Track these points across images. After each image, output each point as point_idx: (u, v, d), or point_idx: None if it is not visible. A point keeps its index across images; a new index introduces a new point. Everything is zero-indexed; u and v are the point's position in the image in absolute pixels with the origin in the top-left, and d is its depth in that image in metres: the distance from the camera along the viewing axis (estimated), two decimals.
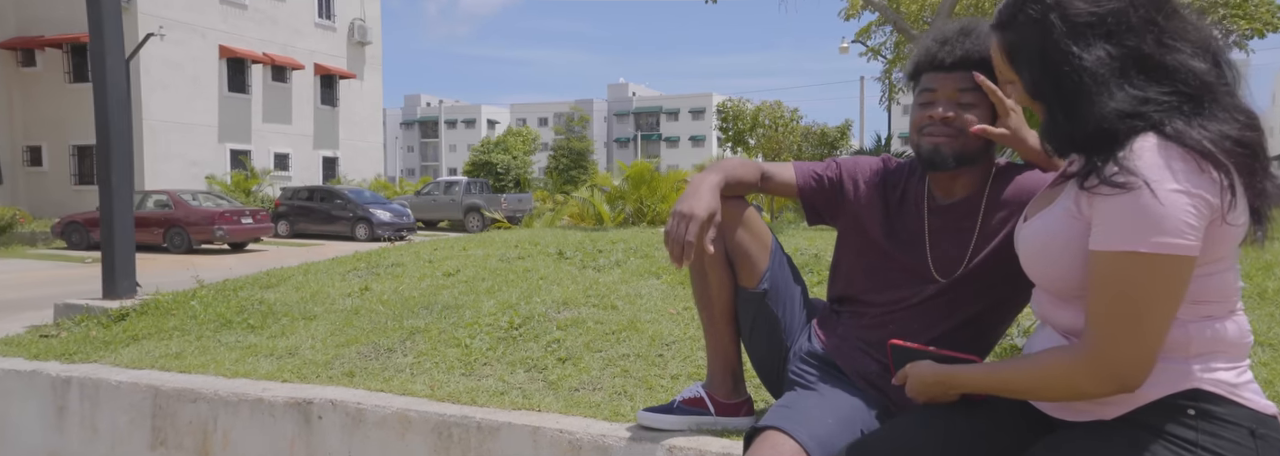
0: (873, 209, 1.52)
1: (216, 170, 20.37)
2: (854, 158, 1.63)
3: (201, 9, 20.23)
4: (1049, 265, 1.04)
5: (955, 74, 1.38)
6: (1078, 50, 0.94)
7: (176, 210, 14.10)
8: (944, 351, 1.27)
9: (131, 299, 3.07)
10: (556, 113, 57.21)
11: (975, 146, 1.38)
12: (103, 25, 3.26)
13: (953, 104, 1.38)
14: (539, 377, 2.06)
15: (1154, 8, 0.94)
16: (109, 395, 2.17)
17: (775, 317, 1.59)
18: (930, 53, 1.42)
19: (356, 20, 24.98)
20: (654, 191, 10.87)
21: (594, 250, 3.58)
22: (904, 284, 1.46)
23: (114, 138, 3.30)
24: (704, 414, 1.66)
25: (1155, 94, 0.91)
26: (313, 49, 23.58)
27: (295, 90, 23.26)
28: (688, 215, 1.34)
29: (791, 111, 14.90)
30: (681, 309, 2.56)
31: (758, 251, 1.57)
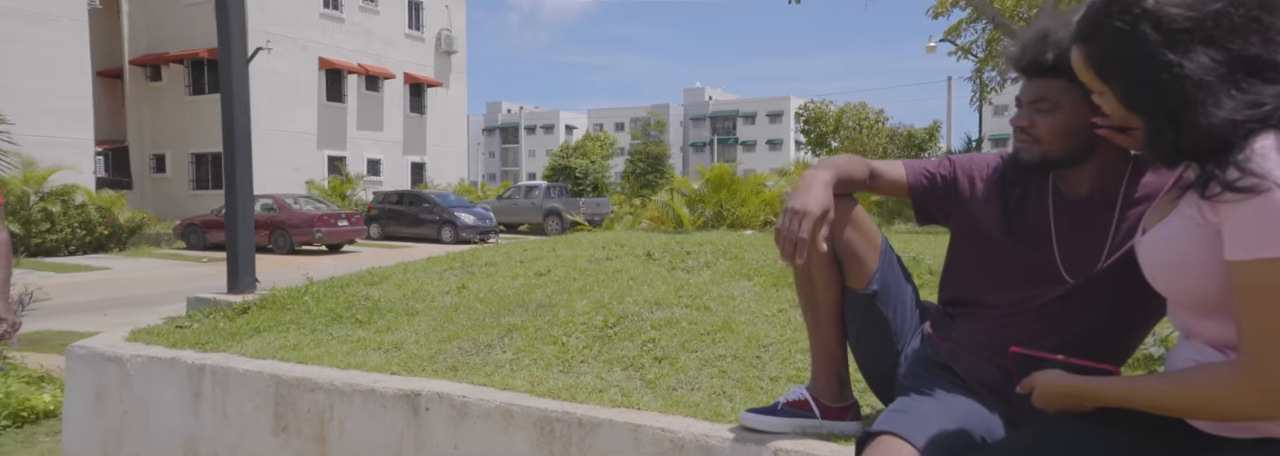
0: (991, 207, 1.46)
1: (315, 175, 21.54)
2: (969, 154, 1.58)
3: (304, 23, 21.47)
4: (1178, 279, 0.98)
5: (1033, 81, 1.34)
6: (1177, 58, 0.87)
7: (280, 213, 14.97)
8: (1075, 360, 1.20)
9: (252, 294, 3.28)
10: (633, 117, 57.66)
11: (1058, 153, 1.33)
12: (230, 42, 3.51)
13: (1028, 111, 1.34)
14: (636, 376, 2.07)
15: (1257, 5, 0.87)
16: (237, 383, 2.32)
17: (885, 320, 1.55)
18: (1012, 59, 1.38)
19: (443, 30, 25.94)
20: (733, 195, 10.77)
21: (681, 251, 3.59)
22: (1027, 284, 1.40)
23: (238, 146, 3.54)
24: (809, 417, 1.63)
25: (1269, 96, 0.85)
26: (403, 59, 24.63)
27: (387, 98, 24.35)
28: (801, 212, 1.32)
29: (877, 113, 14.51)
30: (777, 311, 2.53)
31: (867, 251, 1.53)
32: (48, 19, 15.70)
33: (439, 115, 26.06)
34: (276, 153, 20.36)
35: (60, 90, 15.58)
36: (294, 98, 21.18)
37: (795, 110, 15.92)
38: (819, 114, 14.42)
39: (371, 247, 16.59)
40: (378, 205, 18.83)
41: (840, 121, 14.27)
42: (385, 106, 24.31)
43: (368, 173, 23.16)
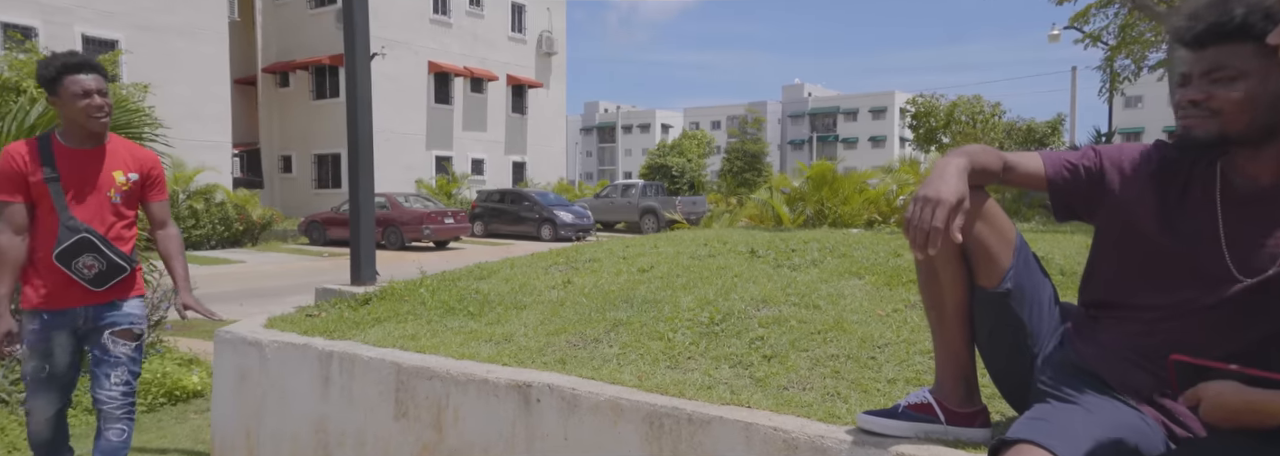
0: (1145, 201, 1.33)
1: (424, 175, 22.61)
2: (1116, 144, 1.45)
3: (415, 29, 22.57)
4: None
5: (1207, 50, 1.21)
6: None
7: (393, 211, 15.81)
8: (1251, 371, 1.08)
9: (373, 286, 3.45)
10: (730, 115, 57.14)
11: (1239, 129, 1.19)
12: (355, 48, 3.71)
13: (1203, 83, 1.21)
14: (745, 374, 2.04)
15: None
16: (362, 369, 2.45)
17: (1020, 321, 1.45)
18: (1178, 31, 1.24)
19: (544, 32, 26.61)
20: (836, 193, 10.47)
21: (786, 249, 3.50)
22: (1189, 285, 1.27)
23: (361, 148, 3.75)
24: (933, 421, 1.54)
25: None
26: (506, 61, 25.45)
27: (490, 100, 25.24)
28: (934, 199, 1.25)
29: (992, 106, 13.71)
30: (891, 310, 2.43)
31: (999, 247, 1.44)
32: (196, 32, 17.25)
33: (539, 115, 26.77)
34: (388, 153, 21.59)
35: (204, 97, 17.10)
36: (405, 100, 22.31)
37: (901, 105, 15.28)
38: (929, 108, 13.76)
39: (475, 244, 17.24)
40: (481, 203, 19.54)
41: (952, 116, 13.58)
42: (489, 107, 25.20)
43: (472, 172, 24.10)
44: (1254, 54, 1.17)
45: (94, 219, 2.33)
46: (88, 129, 2.31)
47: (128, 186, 2.42)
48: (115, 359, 2.39)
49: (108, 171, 2.38)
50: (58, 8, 14.98)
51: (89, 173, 2.34)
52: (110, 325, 2.39)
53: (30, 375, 2.36)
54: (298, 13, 22.42)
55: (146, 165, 2.48)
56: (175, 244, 2.54)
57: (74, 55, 2.34)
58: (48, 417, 2.41)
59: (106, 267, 2.32)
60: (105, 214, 2.36)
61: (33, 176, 2.28)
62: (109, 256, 2.32)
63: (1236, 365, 1.23)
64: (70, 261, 2.28)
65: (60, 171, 2.30)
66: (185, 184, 14.78)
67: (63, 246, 2.27)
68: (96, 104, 2.27)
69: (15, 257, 2.26)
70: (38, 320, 2.34)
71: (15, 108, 4.25)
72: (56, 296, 2.32)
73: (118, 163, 2.41)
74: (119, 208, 2.40)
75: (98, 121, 2.30)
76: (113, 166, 2.40)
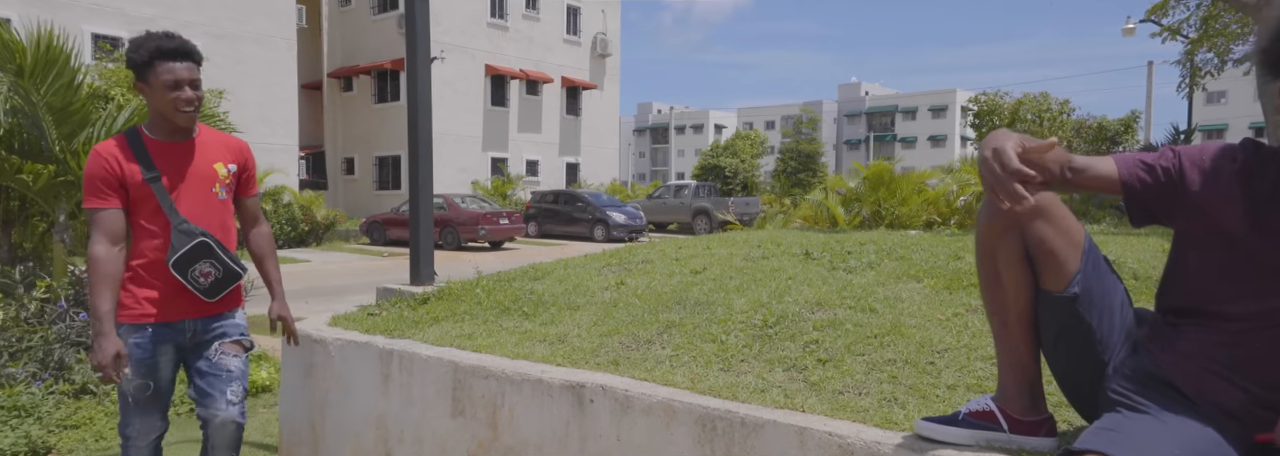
0: (1231, 201, 1.26)
1: (479, 176, 23.05)
2: (1197, 144, 1.38)
3: (472, 33, 23.04)
4: None
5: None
6: None
7: (450, 211, 16.17)
8: None
9: (431, 286, 3.54)
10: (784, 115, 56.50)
11: None
12: (416, 53, 3.82)
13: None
14: (799, 378, 2.01)
15: None
16: (420, 367, 2.52)
17: (1089, 327, 1.39)
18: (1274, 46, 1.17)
19: (599, 34, 26.81)
20: (893, 193, 10.22)
21: (842, 251, 3.45)
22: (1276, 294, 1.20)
23: (421, 151, 3.85)
24: (995, 429, 1.50)
25: None
26: (560, 63, 25.75)
27: (545, 102, 25.58)
28: (998, 149, 1.20)
29: (1061, 103, 13.17)
30: (951, 315, 2.36)
31: (1066, 249, 1.38)
32: (266, 39, 18.01)
33: (593, 117, 26.99)
34: (445, 155, 22.08)
35: (273, 101, 17.83)
36: (462, 103, 22.80)
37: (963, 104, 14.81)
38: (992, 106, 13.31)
39: (529, 245, 17.48)
40: (535, 204, 19.81)
41: (1017, 114, 13.10)
42: (543, 109, 25.53)
43: (526, 173, 24.45)
44: None
45: (205, 219, 2.11)
46: (174, 123, 2.08)
47: (229, 179, 2.20)
48: (229, 373, 2.18)
49: (207, 164, 2.14)
50: (143, 18, 15.83)
51: (189, 167, 2.11)
52: (221, 336, 2.19)
53: (133, 394, 2.13)
54: (361, 19, 23.16)
55: (243, 154, 2.26)
56: (268, 244, 2.37)
57: (170, 38, 2.07)
58: (150, 442, 2.21)
59: (222, 275, 2.12)
60: (213, 213, 2.14)
61: (131, 177, 2.04)
62: (226, 262, 2.12)
63: None
64: (187, 269, 2.06)
65: (159, 168, 2.06)
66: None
67: (180, 253, 2.05)
68: (186, 96, 2.04)
69: (115, 271, 2.00)
70: (143, 334, 2.09)
71: (104, 114, 4.51)
72: (166, 308, 2.10)
73: (214, 153, 2.17)
74: (227, 204, 2.19)
75: (186, 115, 2.06)
76: (210, 158, 2.15)
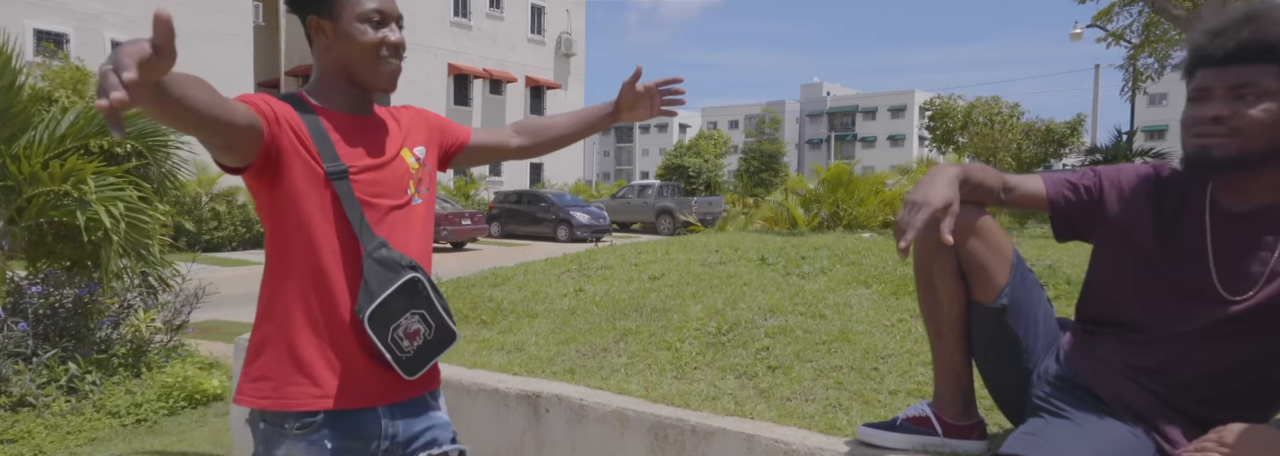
0: (1143, 220, 1.35)
1: (442, 176, 22.83)
2: (1115, 165, 1.47)
3: (435, 31, 22.80)
4: None
5: (1232, 68, 1.21)
6: None
7: None
8: None
9: None
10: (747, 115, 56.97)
11: (1258, 148, 1.20)
12: None
13: (1228, 100, 1.21)
14: (749, 385, 2.07)
15: None
16: None
17: (1016, 336, 1.47)
18: (1200, 46, 1.26)
19: (563, 34, 26.75)
20: (851, 194, 10.44)
21: (796, 256, 3.53)
22: (1183, 304, 1.29)
23: None
24: (930, 434, 1.57)
25: None
26: (524, 62, 25.63)
27: (509, 101, 25.44)
28: (920, 203, 1.28)
29: (1011, 107, 13.60)
30: (896, 320, 2.45)
31: (995, 263, 1.46)
32: (222, 38, 17.57)
33: None
34: None
35: None
36: (424, 103, 22.55)
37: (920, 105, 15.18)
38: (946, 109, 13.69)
39: (492, 245, 17.37)
40: (499, 204, 19.69)
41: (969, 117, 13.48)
42: (507, 108, 25.40)
43: (490, 173, 24.29)
44: (1277, 76, 1.19)
45: (406, 243, 1.29)
46: (370, 85, 1.29)
47: (422, 174, 1.37)
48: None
49: (395, 152, 1.33)
50: (89, 13, 15.32)
51: (381, 158, 1.30)
52: (429, 445, 1.33)
53: None
54: None
55: (430, 122, 1.46)
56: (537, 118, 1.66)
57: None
58: None
59: (434, 335, 1.28)
60: (415, 232, 1.32)
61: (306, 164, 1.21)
62: (441, 315, 1.29)
63: (1228, 381, 1.25)
64: (388, 326, 1.22)
65: (344, 158, 1.25)
66: (208, 187, 15.06)
67: (380, 299, 1.20)
68: (396, 40, 1.29)
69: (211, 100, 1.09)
70: (310, 434, 1.21)
71: (47, 117, 4.38)
72: (348, 388, 1.23)
73: (397, 134, 1.36)
74: (429, 217, 1.36)
75: (390, 71, 1.30)
76: (396, 142, 1.34)
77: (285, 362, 1.22)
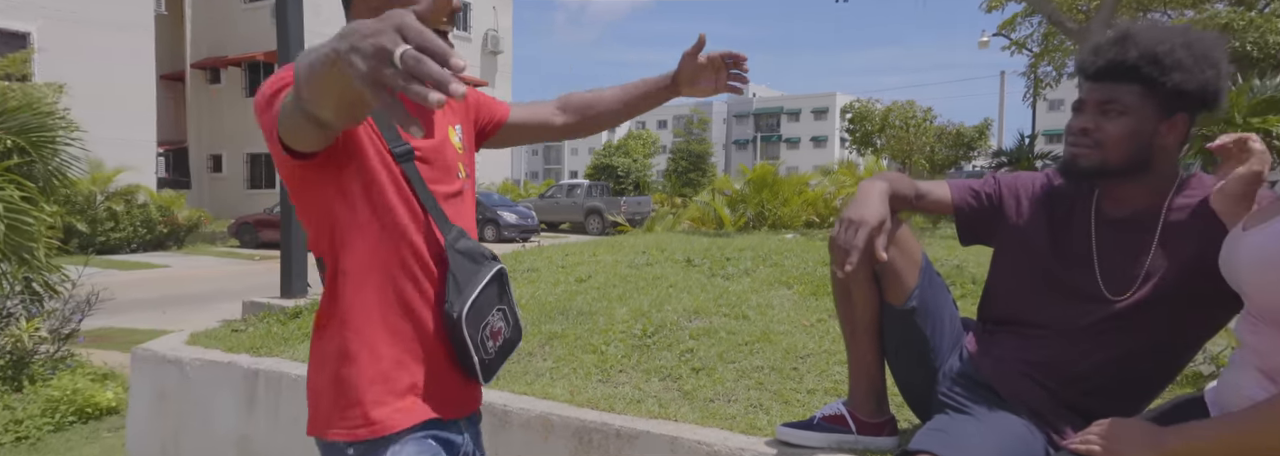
0: (1036, 225, 1.44)
1: None
2: (1015, 173, 1.56)
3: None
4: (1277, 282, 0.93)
5: (1102, 84, 1.31)
6: None
7: None
8: None
9: (304, 298, 3.39)
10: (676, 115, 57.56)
11: (1117, 160, 1.30)
12: (289, 47, 3.63)
13: (1094, 114, 1.32)
14: (674, 387, 2.09)
15: None
16: (290, 387, 2.41)
17: (924, 337, 1.54)
18: (1082, 62, 1.36)
19: (490, 31, 26.30)
20: (776, 195, 10.70)
21: (722, 257, 3.59)
22: (1072, 304, 1.38)
23: None
24: (845, 432, 1.63)
25: None
26: None
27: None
28: (857, 221, 1.34)
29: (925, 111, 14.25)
30: (815, 320, 2.52)
31: (906, 267, 1.52)
32: (118, 25, 16.43)
33: None
34: None
35: (127, 93, 16.31)
36: None
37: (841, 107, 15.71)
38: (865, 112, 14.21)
39: None
40: None
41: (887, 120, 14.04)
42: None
43: None
44: (1139, 94, 1.29)
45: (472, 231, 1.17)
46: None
47: (465, 155, 1.22)
48: None
49: (445, 132, 1.18)
50: None
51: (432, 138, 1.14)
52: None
53: None
54: (230, 7, 21.60)
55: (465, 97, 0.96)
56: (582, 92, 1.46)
57: None
58: None
59: (511, 333, 1.18)
60: (469, 221, 1.18)
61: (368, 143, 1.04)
62: (516, 310, 1.20)
63: (1110, 374, 1.35)
64: (480, 324, 1.09)
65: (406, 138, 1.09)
66: (104, 185, 14.10)
67: (475, 296, 1.07)
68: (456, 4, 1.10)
69: None
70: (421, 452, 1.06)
71: None
72: (438, 399, 1.09)
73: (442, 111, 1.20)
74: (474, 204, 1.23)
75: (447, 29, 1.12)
76: (441, 120, 1.18)
77: (373, 378, 1.04)
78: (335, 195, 1.03)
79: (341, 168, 1.01)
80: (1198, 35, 1.32)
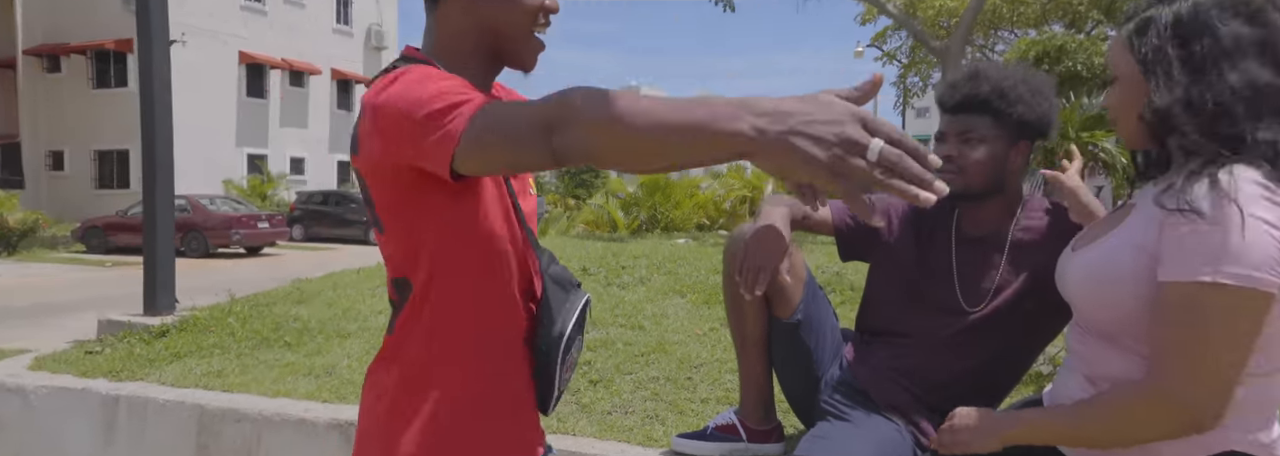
0: (905, 243, 1.57)
1: (233, 175, 20.62)
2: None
3: (223, 16, 20.49)
4: (1102, 298, 1.01)
5: (960, 116, 1.49)
6: (1238, 66, 0.93)
7: (195, 214, 14.27)
8: None
9: (171, 315, 3.15)
10: None
11: (978, 184, 1.46)
12: (151, 40, 3.35)
13: (956, 143, 1.48)
14: (572, 400, 2.11)
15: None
16: (156, 413, 2.24)
17: (808, 348, 1.64)
18: (940, 96, 1.53)
19: (374, 25, 25.22)
20: (668, 198, 10.94)
21: (617, 266, 3.64)
22: (936, 316, 1.51)
23: (159, 150, 3.37)
24: (736, 440, 1.71)
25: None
26: (330, 54, 23.83)
27: (312, 95, 23.52)
28: (764, 250, 1.44)
29: None
30: (708, 329, 2.61)
31: (793, 283, 1.62)
32: None
33: None
34: (189, 150, 19.37)
35: None
36: (211, 93, 20.20)
37: None
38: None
39: (294, 249, 16.01)
40: (301, 205, 18.17)
41: None
42: (311, 103, 23.48)
43: (291, 172, 22.33)
44: (991, 125, 1.46)
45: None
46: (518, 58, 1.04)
47: None
48: None
49: None
50: None
51: None
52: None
53: None
54: None
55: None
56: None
57: None
58: None
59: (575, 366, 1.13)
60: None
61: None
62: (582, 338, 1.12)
63: (970, 379, 1.49)
64: (567, 357, 1.03)
65: None
66: None
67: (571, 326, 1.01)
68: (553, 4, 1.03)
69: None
70: None
71: None
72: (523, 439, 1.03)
73: None
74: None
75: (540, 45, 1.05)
76: None
77: (465, 416, 0.94)
78: (447, 217, 0.93)
79: (463, 190, 0.91)
80: (1032, 72, 1.51)
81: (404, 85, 0.87)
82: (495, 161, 0.80)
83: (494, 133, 0.77)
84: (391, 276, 0.96)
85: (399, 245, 0.95)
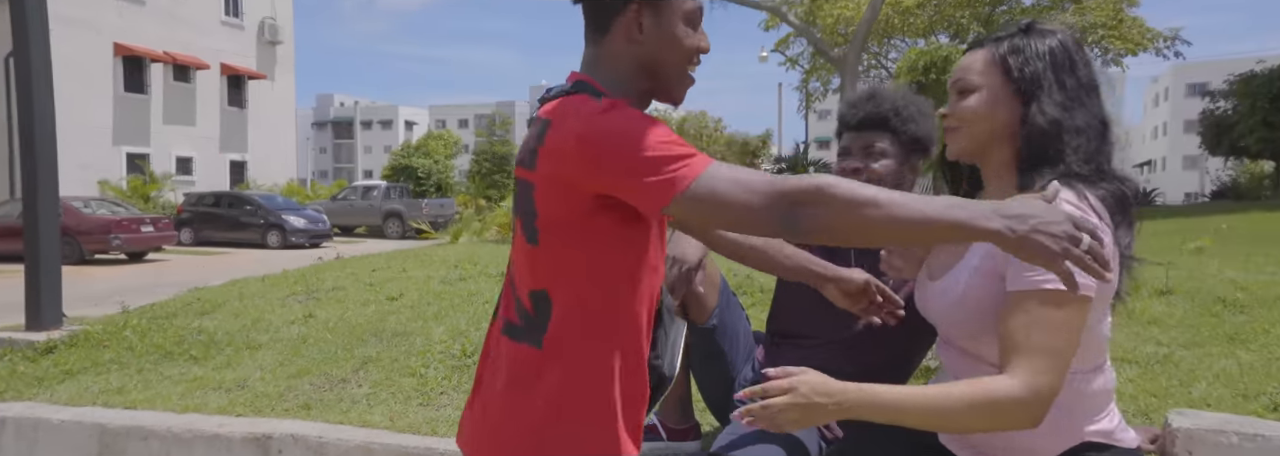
0: (812, 249, 1.71)
1: (111, 175, 19.14)
2: None
3: (94, 5, 18.97)
4: (963, 324, 1.13)
5: (862, 133, 1.65)
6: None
7: (68, 219, 13.11)
8: None
9: (59, 330, 2.96)
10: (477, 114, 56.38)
11: None
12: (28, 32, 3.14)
13: (861, 156, 1.64)
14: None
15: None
16: (49, 434, 2.13)
17: (722, 351, 1.76)
18: (842, 115, 1.70)
19: (267, 18, 23.97)
20: None
21: None
22: (837, 321, 1.66)
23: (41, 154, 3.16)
24: (657, 440, 1.82)
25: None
26: (219, 48, 22.47)
27: (200, 91, 22.12)
28: (682, 260, 1.53)
29: (716, 121, 15.36)
30: None
31: (708, 290, 1.74)
32: None
33: (262, 110, 24.03)
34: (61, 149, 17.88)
35: None
36: (83, 88, 18.65)
37: None
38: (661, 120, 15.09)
39: (183, 254, 15.02)
40: (190, 207, 17.08)
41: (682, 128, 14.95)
42: (198, 99, 22.06)
43: (177, 171, 20.93)
44: (891, 141, 1.61)
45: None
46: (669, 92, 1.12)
47: None
48: None
49: None
50: None
51: None
52: None
53: None
54: None
55: None
56: None
57: None
58: None
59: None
60: None
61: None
62: None
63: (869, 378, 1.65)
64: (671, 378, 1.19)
65: None
66: None
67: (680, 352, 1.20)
68: (707, 46, 1.12)
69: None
70: None
71: None
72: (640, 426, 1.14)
73: None
74: None
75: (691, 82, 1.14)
76: None
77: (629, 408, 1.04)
78: (609, 239, 1.01)
79: (638, 219, 1.01)
80: (915, 95, 1.68)
81: (626, 121, 0.95)
82: (719, 215, 0.92)
83: (733, 193, 0.90)
84: (528, 288, 1.03)
85: (551, 258, 1.01)
